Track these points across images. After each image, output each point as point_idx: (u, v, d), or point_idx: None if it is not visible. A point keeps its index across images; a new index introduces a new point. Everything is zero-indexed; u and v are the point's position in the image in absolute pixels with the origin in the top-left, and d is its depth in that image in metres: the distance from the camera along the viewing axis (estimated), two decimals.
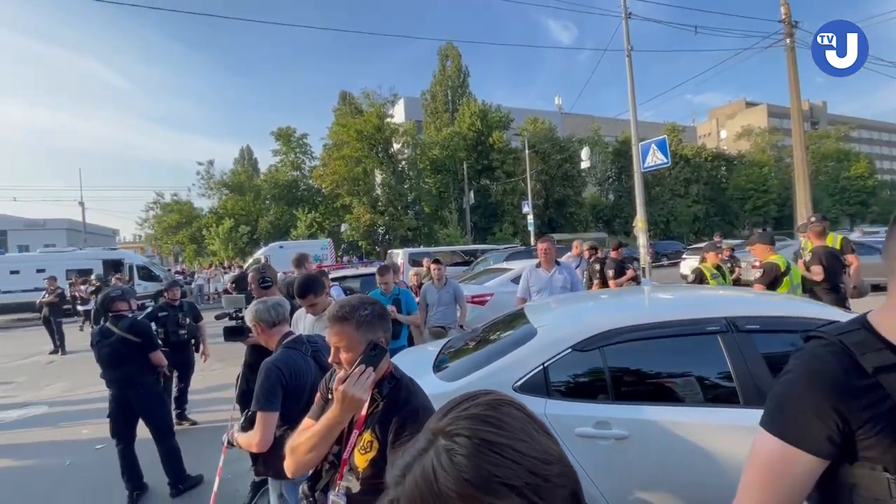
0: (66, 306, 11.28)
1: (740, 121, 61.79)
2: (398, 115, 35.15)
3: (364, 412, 1.29)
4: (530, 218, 23.80)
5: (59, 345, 10.00)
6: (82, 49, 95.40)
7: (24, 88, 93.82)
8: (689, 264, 12.99)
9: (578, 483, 0.51)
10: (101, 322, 3.63)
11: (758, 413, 0.87)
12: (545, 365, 2.36)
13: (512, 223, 31.54)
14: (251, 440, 1.79)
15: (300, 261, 4.06)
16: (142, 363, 3.51)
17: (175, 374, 5.01)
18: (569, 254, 7.02)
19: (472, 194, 29.11)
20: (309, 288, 2.60)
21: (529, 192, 25.32)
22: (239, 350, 2.99)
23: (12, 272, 16.34)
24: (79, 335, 10.96)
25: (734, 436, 1.99)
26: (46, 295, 10.40)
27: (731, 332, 2.25)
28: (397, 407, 1.26)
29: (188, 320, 5.12)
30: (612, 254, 6.57)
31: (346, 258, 27.10)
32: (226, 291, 18.63)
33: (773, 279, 4.22)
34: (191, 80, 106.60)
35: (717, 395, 2.24)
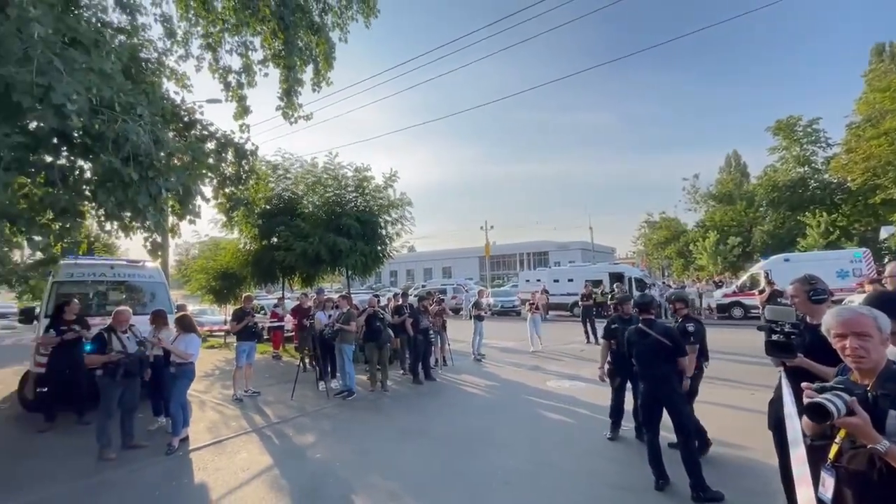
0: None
1: None
2: None
3: None
4: None
5: (592, 335, 12.67)
6: (596, 106, 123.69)
7: (552, 149, 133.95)
8: None
9: None
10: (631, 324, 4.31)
11: None
12: None
13: None
14: None
15: None
16: (673, 365, 3.86)
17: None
18: None
19: None
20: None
21: None
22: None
23: (554, 280, 23.20)
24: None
25: None
26: (581, 299, 13.77)
27: None
28: None
29: None
30: None
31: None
32: (721, 308, 17.81)
33: None
34: (668, 103, 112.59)
35: None
